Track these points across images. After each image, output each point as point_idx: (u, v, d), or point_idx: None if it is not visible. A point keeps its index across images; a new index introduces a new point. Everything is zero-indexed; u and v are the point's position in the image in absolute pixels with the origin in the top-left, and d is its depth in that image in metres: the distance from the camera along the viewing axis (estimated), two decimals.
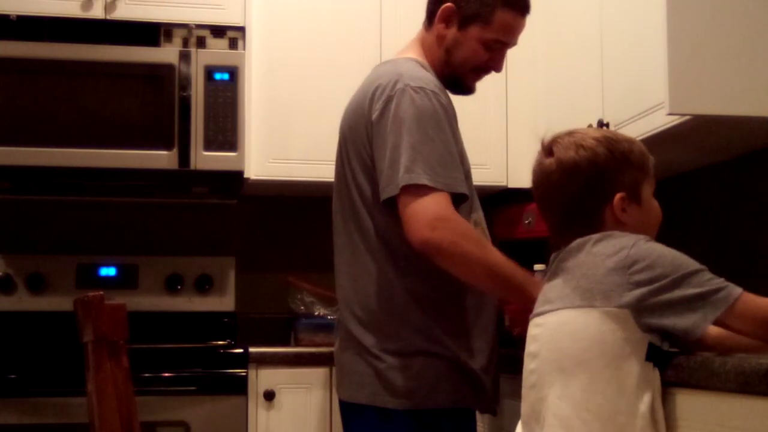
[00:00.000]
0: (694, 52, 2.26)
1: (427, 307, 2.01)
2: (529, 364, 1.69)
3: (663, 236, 1.73)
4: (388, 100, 1.99)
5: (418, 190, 1.90)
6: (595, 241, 1.63)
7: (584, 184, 1.67)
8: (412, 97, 1.97)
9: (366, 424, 2.03)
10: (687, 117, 2.28)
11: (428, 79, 2.05)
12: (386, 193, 1.95)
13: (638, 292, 1.54)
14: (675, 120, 2.30)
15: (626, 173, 1.67)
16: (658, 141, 2.45)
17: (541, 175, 1.73)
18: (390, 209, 1.98)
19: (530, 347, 1.70)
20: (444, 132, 1.98)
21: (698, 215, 2.89)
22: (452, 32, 2.13)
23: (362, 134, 2.05)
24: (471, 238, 1.94)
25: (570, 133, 1.72)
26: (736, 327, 1.54)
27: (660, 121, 2.35)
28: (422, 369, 1.98)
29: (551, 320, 1.65)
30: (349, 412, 2.10)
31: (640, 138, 2.45)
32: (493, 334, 2.10)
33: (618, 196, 1.66)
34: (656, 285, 1.53)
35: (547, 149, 1.72)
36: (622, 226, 1.66)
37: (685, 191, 2.92)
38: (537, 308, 1.71)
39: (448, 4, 2.12)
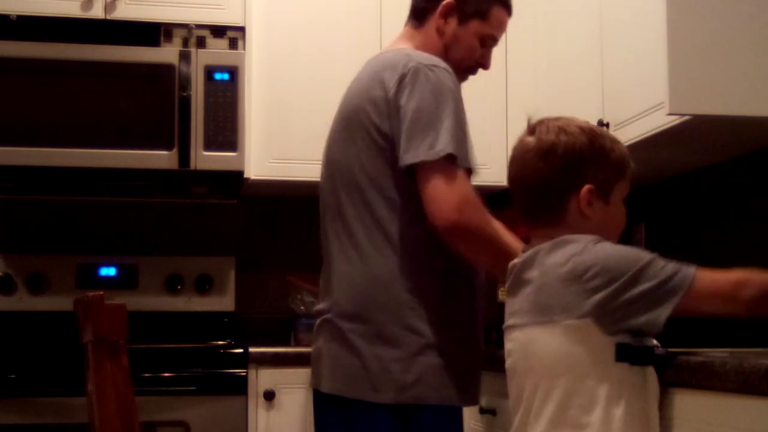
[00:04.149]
0: (694, 52, 2.26)
1: (422, 301, 1.99)
2: (511, 379, 1.68)
3: (663, 236, 1.73)
4: (403, 77, 1.99)
5: (442, 166, 1.90)
6: (547, 251, 1.61)
7: (557, 166, 1.64)
8: (427, 74, 1.99)
9: (351, 418, 2.00)
10: (687, 117, 2.28)
11: (438, 59, 2.06)
12: (405, 160, 1.94)
13: (597, 298, 1.52)
14: (675, 120, 2.30)
15: (601, 168, 1.65)
16: (658, 141, 2.45)
17: (518, 151, 1.71)
18: (400, 189, 1.97)
19: (507, 362, 1.69)
20: (460, 109, 2.00)
21: (698, 215, 2.89)
22: (452, 27, 2.17)
23: (371, 115, 2.03)
24: (490, 221, 1.97)
25: (557, 119, 1.70)
26: (700, 308, 1.52)
27: (660, 121, 2.35)
28: (413, 364, 1.96)
29: (520, 337, 1.64)
30: (332, 405, 2.06)
31: (640, 138, 2.46)
32: (478, 327, 2.10)
33: (586, 187, 1.64)
34: (613, 288, 1.51)
35: (531, 129, 1.71)
36: (584, 219, 1.64)
37: (686, 191, 2.91)
38: (506, 321, 1.70)
39: (448, 0, 2.16)
